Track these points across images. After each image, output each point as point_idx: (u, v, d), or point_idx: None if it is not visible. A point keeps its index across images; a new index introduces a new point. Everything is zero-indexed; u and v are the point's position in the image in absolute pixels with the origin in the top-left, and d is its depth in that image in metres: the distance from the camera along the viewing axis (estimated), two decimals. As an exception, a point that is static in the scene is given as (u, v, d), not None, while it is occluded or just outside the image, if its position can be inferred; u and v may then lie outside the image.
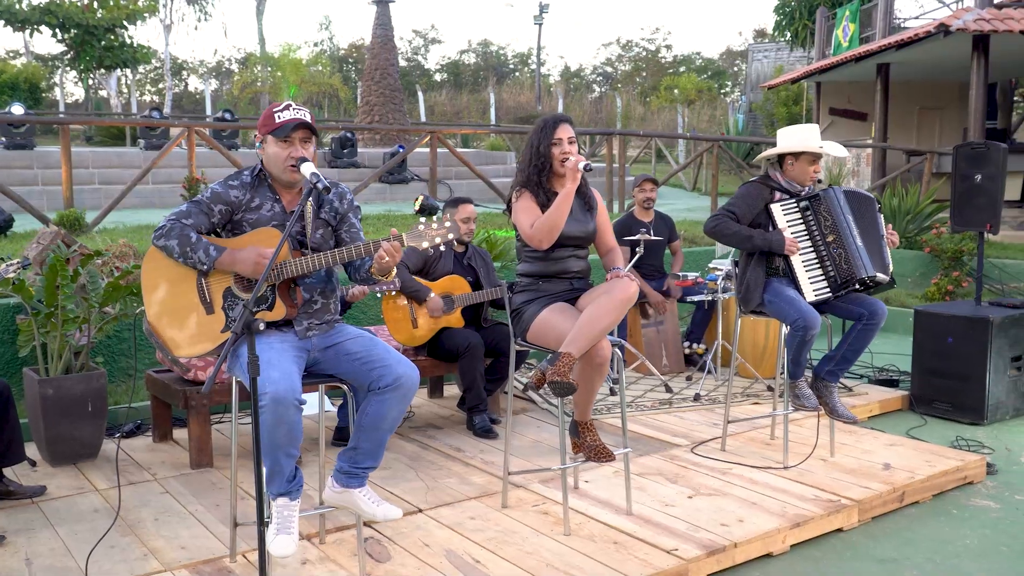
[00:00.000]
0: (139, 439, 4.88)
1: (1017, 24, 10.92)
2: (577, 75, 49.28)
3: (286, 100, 3.11)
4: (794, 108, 24.35)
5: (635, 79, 46.24)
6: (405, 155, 10.36)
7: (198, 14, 32.08)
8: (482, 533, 3.58)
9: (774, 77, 25.76)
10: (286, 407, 2.77)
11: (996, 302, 5.77)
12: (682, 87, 34.23)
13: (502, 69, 46.58)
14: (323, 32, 61.09)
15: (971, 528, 3.91)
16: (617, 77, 48.49)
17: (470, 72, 46.44)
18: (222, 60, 42.96)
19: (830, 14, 17.27)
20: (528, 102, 35.42)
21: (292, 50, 28.64)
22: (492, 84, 38.06)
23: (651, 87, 42.85)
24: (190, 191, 8.71)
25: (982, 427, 5.36)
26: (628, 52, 49.60)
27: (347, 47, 43.21)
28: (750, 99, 30.23)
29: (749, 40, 47.18)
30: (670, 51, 51.38)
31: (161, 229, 2.97)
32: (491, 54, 48.15)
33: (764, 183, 4.38)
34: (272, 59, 28.80)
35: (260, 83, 29.61)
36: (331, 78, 28.97)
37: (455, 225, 2.92)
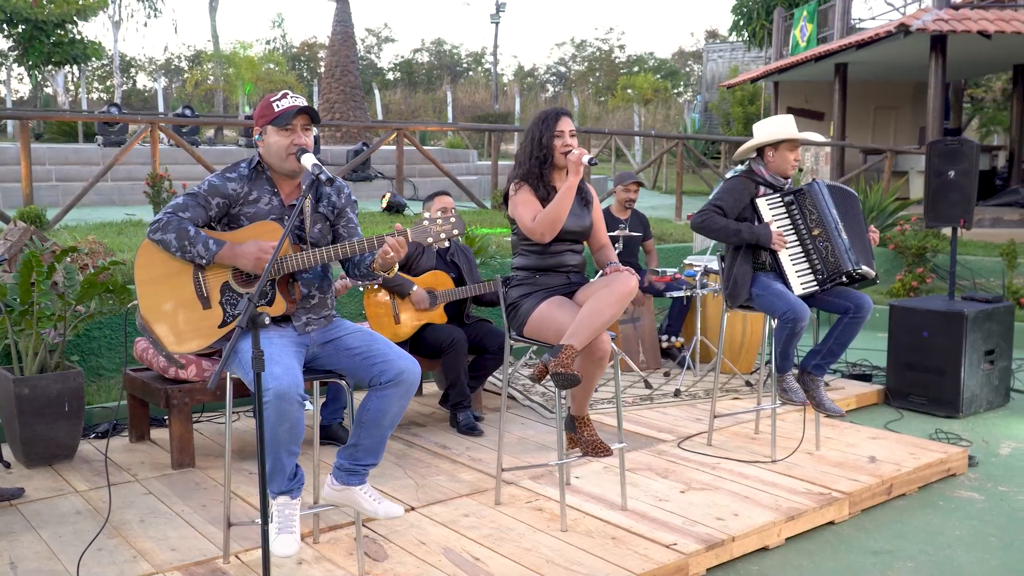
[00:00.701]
0: (115, 439, 4.75)
1: (975, 24, 11.14)
2: (531, 74, 49.37)
3: (283, 89, 3.04)
4: (750, 108, 24.63)
5: (589, 79, 46.46)
6: (371, 152, 10.25)
7: (147, 10, 31.48)
8: (478, 530, 3.53)
9: (730, 77, 26.06)
10: (290, 403, 2.70)
11: (969, 296, 5.87)
12: (638, 86, 34.48)
13: (455, 68, 46.49)
14: (276, 30, 60.46)
15: (959, 519, 3.96)
16: (570, 77, 48.68)
17: (424, 71, 46.29)
18: (171, 58, 42.25)
19: (788, 14, 17.50)
20: (484, 101, 35.40)
21: (245, 47, 28.28)
22: (448, 83, 37.97)
23: (605, 86, 43.11)
24: (154, 188, 8.52)
25: (958, 420, 5.45)
26: (582, 52, 49.81)
27: (300, 45, 42.80)
28: (706, 98, 30.55)
29: (701, 41, 47.67)
30: (623, 51, 51.70)
31: (157, 222, 2.88)
32: (445, 53, 48.04)
33: (748, 177, 4.41)
34: (226, 56, 28.41)
35: (212, 80, 29.18)
36: (287, 76, 28.62)
37: (460, 221, 2.87)
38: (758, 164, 4.43)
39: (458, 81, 40.49)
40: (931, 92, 12.06)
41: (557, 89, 46.86)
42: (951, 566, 3.50)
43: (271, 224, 2.93)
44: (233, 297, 2.92)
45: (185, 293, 2.91)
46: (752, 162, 4.46)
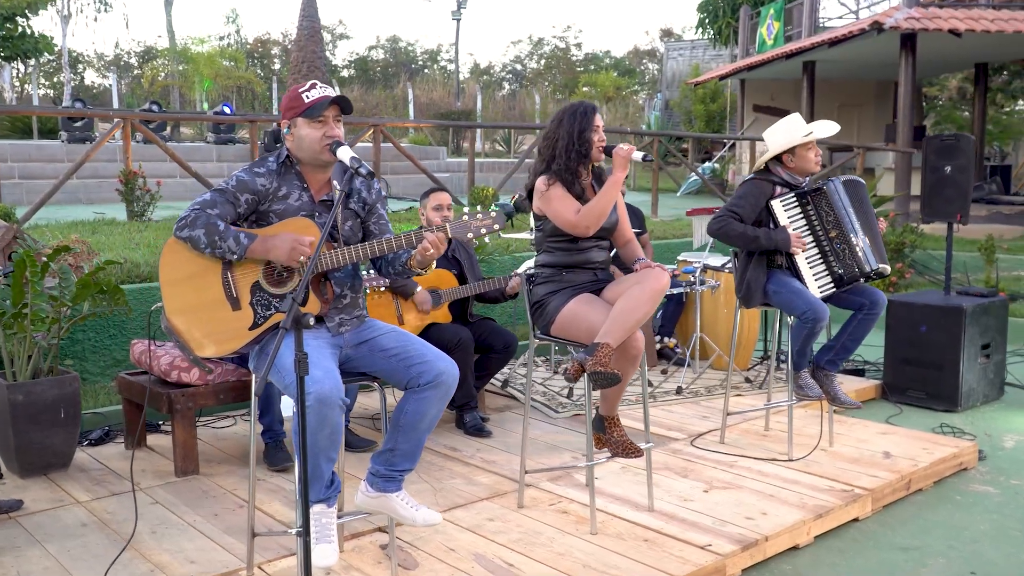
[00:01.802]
0: (109, 446, 4.56)
1: (945, 23, 11.30)
2: (487, 72, 49.25)
3: (311, 80, 2.92)
4: (712, 105, 24.81)
5: (546, 77, 46.46)
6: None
7: (97, 5, 30.76)
8: (505, 535, 3.44)
9: (692, 75, 26.21)
10: (331, 407, 2.58)
11: (963, 291, 5.90)
12: (600, 84, 34.53)
13: (411, 65, 46.20)
14: (230, 26, 59.48)
15: (979, 514, 3.96)
16: (527, 75, 48.66)
17: (379, 68, 45.93)
18: (120, 53, 41.36)
19: (754, 12, 17.62)
20: (441, 98, 35.17)
21: (201, 43, 27.76)
22: (407, 80, 37.69)
23: (563, 84, 43.13)
24: (127, 186, 8.28)
25: (957, 414, 5.47)
26: (539, 50, 49.80)
27: (253, 41, 42.20)
28: (666, 96, 30.72)
29: (656, 39, 47.89)
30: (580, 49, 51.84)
31: (184, 219, 2.73)
32: (400, 50, 47.71)
33: (765, 178, 4.35)
34: (183, 52, 27.83)
35: (166, 76, 28.61)
36: (246, 72, 28.15)
37: (500, 216, 2.77)
38: (775, 165, 4.37)
39: (415, 79, 40.23)
40: (901, 90, 12.20)
41: (513, 87, 46.79)
42: (981, 561, 3.48)
43: (303, 221, 2.80)
44: (264, 297, 2.78)
45: (213, 294, 2.77)
46: (769, 163, 4.40)
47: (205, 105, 25.59)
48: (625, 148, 3.44)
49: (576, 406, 5.29)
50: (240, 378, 4.26)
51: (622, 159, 3.44)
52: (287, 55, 42.35)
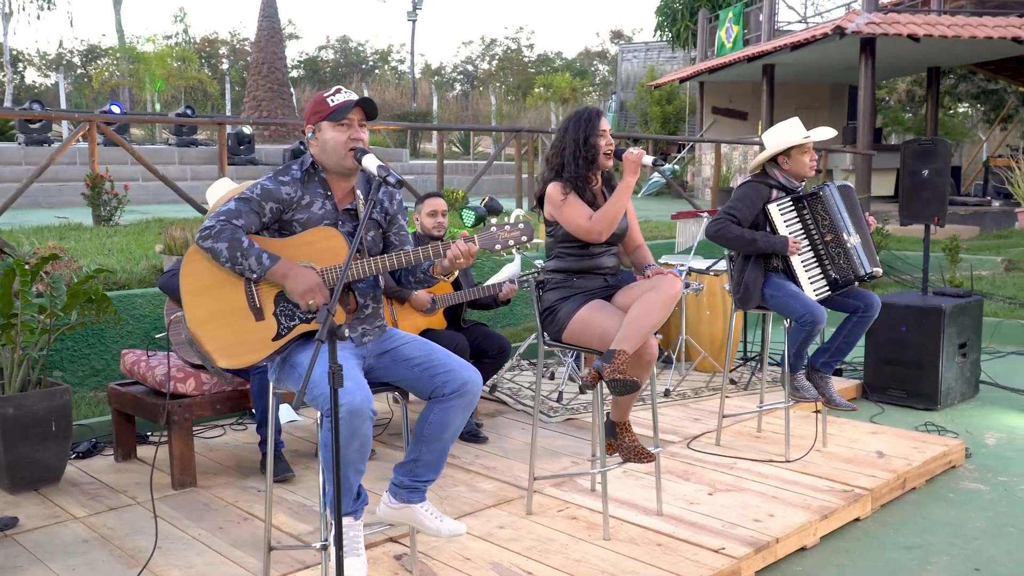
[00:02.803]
0: (98, 459, 4.45)
1: (904, 28, 11.55)
2: (438, 73, 49.11)
3: (335, 86, 2.86)
4: (668, 107, 25.05)
5: (498, 78, 46.46)
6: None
7: (40, 3, 30.00)
8: (519, 542, 3.43)
9: (647, 77, 26.44)
10: (362, 419, 2.55)
11: (940, 292, 6.03)
12: (555, 86, 34.64)
13: (361, 66, 45.87)
14: (178, 24, 58.43)
15: (973, 511, 4.04)
16: (478, 75, 48.64)
17: (329, 68, 45.51)
18: (63, 52, 40.35)
19: (712, 16, 17.82)
20: (394, 99, 34.96)
21: (151, 42, 27.26)
22: (358, 81, 37.37)
23: (516, 85, 43.20)
24: (94, 190, 8.08)
25: (936, 412, 5.59)
26: (491, 50, 49.80)
27: (200, 41, 41.51)
28: (621, 98, 30.94)
29: (607, 41, 48.10)
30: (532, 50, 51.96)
31: (208, 229, 2.67)
32: (351, 50, 47.35)
33: (762, 181, 4.40)
34: (130, 50, 27.29)
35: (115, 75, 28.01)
36: (199, 72, 27.69)
37: (528, 227, 2.76)
38: (772, 167, 4.42)
39: (366, 79, 39.95)
40: (861, 93, 12.44)
41: (464, 87, 46.72)
42: (983, 558, 3.55)
43: (328, 230, 2.76)
44: (288, 308, 2.73)
45: (235, 303, 2.71)
46: (766, 166, 4.45)
47: (157, 106, 25.12)
48: (635, 152, 3.45)
49: (567, 410, 5.29)
50: (236, 388, 4.19)
51: (632, 164, 3.45)
52: (236, 55, 41.78)
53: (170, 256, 6.06)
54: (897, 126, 26.90)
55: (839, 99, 18.75)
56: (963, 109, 27.84)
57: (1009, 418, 5.54)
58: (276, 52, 15.81)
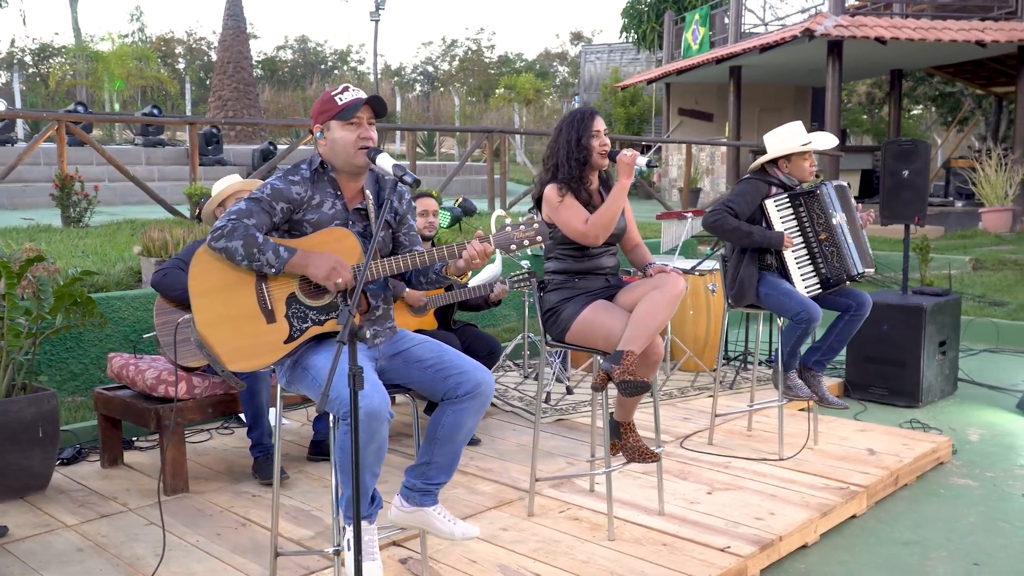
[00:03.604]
0: (84, 465, 4.34)
1: (871, 31, 11.72)
2: (398, 73, 48.90)
3: (343, 83, 2.81)
4: (632, 109, 25.20)
5: (459, 79, 46.37)
6: (288, 152, 9.84)
7: (-10, -1, 29.31)
8: (524, 544, 3.40)
9: (611, 78, 26.58)
10: (380, 422, 2.51)
11: (919, 291, 6.12)
12: (519, 87, 34.67)
13: (321, 66, 45.52)
14: (134, 23, 57.42)
15: (965, 507, 4.10)
16: (439, 76, 48.53)
17: (287, 68, 45.10)
18: (14, 51, 39.46)
19: (678, 18, 17.94)
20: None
21: (109, 40, 26.77)
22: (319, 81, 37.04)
23: (477, 86, 43.16)
24: (63, 190, 7.91)
25: (918, 409, 5.66)
26: (451, 51, 49.71)
27: (156, 40, 40.86)
28: (584, 99, 31.05)
29: (567, 42, 48.17)
30: (493, 51, 51.92)
31: (220, 229, 2.61)
32: (310, 50, 46.98)
33: (762, 179, 4.43)
34: (85, 48, 26.78)
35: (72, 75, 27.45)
36: (159, 72, 27.25)
37: (543, 226, 2.73)
38: (772, 166, 4.46)
39: (326, 80, 39.64)
40: (829, 95, 12.61)
41: (425, 88, 46.58)
42: (980, 553, 3.60)
43: (340, 231, 2.71)
44: (300, 310, 2.68)
45: (246, 306, 2.65)
46: (766, 165, 4.48)
47: (116, 106, 24.67)
48: (628, 154, 3.44)
49: (556, 411, 5.28)
50: (227, 391, 4.12)
51: (626, 166, 3.43)
52: (192, 54, 41.21)
53: (148, 258, 5.95)
54: (856, 128, 27.34)
55: (802, 101, 18.99)
56: (916, 111, 28.39)
57: (988, 414, 5.63)
58: (242, 51, 15.61)
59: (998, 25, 12.52)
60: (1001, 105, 19.88)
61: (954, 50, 13.07)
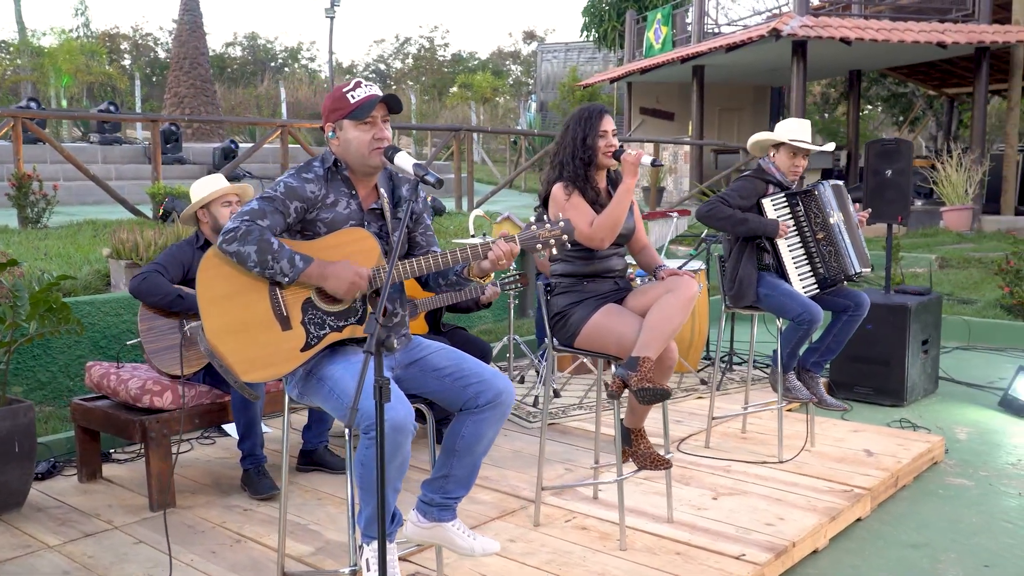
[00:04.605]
0: (60, 480, 4.13)
1: (836, 32, 11.82)
2: (350, 71, 48.45)
3: (356, 78, 2.68)
4: (590, 107, 25.22)
5: (411, 77, 46.07)
6: (253, 151, 9.60)
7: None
8: (535, 556, 3.30)
9: (568, 77, 26.60)
10: (405, 436, 2.39)
11: (900, 290, 6.13)
12: (476, 85, 34.53)
13: (271, 63, 44.92)
14: (78, 18, 55.97)
15: (965, 507, 4.09)
16: (391, 74, 48.21)
17: (237, 65, 44.43)
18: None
19: (640, 17, 17.95)
20: (307, 98, 34.30)
21: (55, 34, 26.04)
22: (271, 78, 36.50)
23: (431, 84, 42.92)
24: (20, 190, 7.62)
25: (903, 408, 5.67)
26: (404, 49, 49.40)
27: (100, 35, 39.91)
28: (541, 98, 31.04)
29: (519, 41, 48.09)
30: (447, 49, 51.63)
31: (232, 231, 2.46)
32: (259, 47, 46.34)
33: (759, 177, 4.38)
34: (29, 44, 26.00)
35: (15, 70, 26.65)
36: (109, 68, 26.57)
37: (569, 225, 2.63)
38: (768, 163, 4.42)
39: (277, 77, 39.09)
40: (794, 95, 12.69)
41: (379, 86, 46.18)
42: (989, 555, 3.58)
43: (358, 231, 2.58)
44: (317, 316, 2.54)
45: (259, 312, 2.51)
46: (762, 161, 4.44)
47: (64, 102, 23.99)
48: (633, 154, 3.36)
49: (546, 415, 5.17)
50: (214, 400, 3.95)
51: (630, 165, 3.35)
52: (139, 50, 40.35)
53: (118, 260, 5.73)
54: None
55: (761, 101, 19.15)
56: (865, 111, 28.87)
57: (972, 412, 5.66)
58: (198, 47, 15.26)
59: (957, 27, 12.72)
60: (953, 106, 20.28)
61: (915, 51, 13.25)
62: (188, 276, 3.95)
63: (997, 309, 8.18)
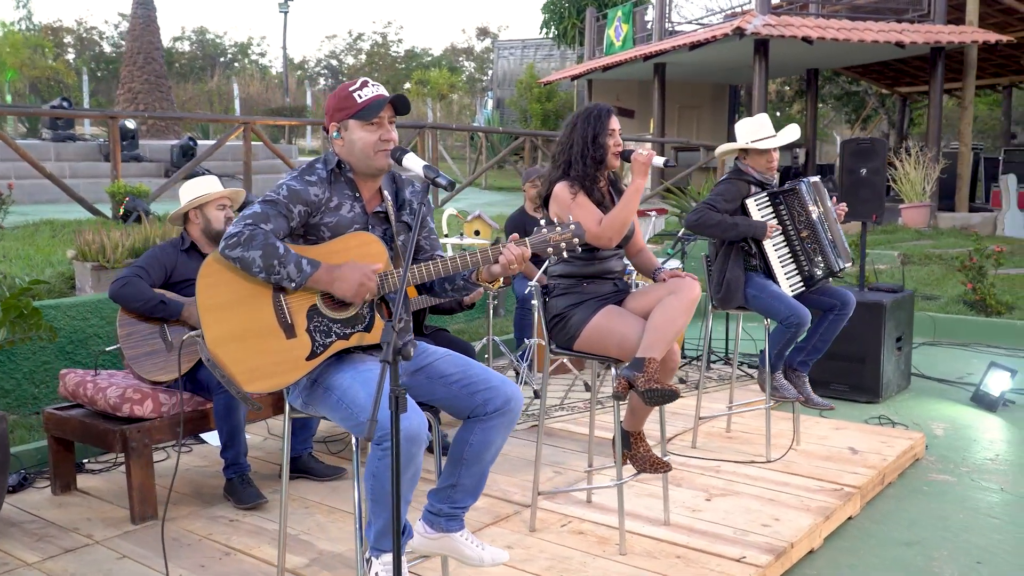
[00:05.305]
0: (32, 493, 3.98)
1: (798, 31, 11.94)
2: (301, 67, 47.92)
3: (360, 78, 2.59)
4: (548, 104, 25.24)
5: (365, 73, 45.70)
6: (215, 148, 9.39)
7: None
8: (535, 562, 3.25)
9: (526, 74, 26.56)
10: (418, 446, 2.32)
11: (874, 287, 6.19)
12: (432, 82, 34.35)
13: (220, 59, 44.25)
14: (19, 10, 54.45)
15: (950, 503, 4.12)
16: (343, 71, 47.79)
17: (185, 60, 43.68)
18: None
19: (600, 14, 17.99)
20: (258, 93, 33.85)
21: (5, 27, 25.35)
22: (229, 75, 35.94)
23: (385, 80, 42.64)
24: (-25, 189, 7.35)
25: (879, 405, 5.72)
26: (357, 44, 48.98)
27: (43, 29, 38.89)
28: (497, 95, 30.98)
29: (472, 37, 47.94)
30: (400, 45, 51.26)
31: (236, 236, 2.36)
32: (208, 42, 45.63)
33: (739, 178, 4.37)
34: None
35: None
36: (56, 62, 25.92)
37: (580, 228, 2.57)
38: (744, 164, 4.41)
39: (227, 72, 38.51)
40: (756, 92, 12.80)
41: (330, 83, 45.77)
42: (980, 551, 3.61)
43: (366, 235, 2.50)
44: (323, 323, 2.46)
45: (262, 320, 2.41)
46: (738, 162, 4.43)
47: (8, 98, 23.37)
48: (644, 154, 3.33)
49: (528, 416, 5.13)
50: (196, 408, 3.82)
51: (641, 166, 3.32)
52: (83, 44, 39.41)
53: (84, 262, 5.55)
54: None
55: (720, 99, 19.32)
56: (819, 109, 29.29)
57: (945, 408, 5.74)
58: (152, 42, 14.92)
59: (914, 27, 12.93)
60: (905, 104, 20.66)
61: (874, 51, 13.45)
62: (171, 280, 3.83)
63: (960, 305, 8.32)
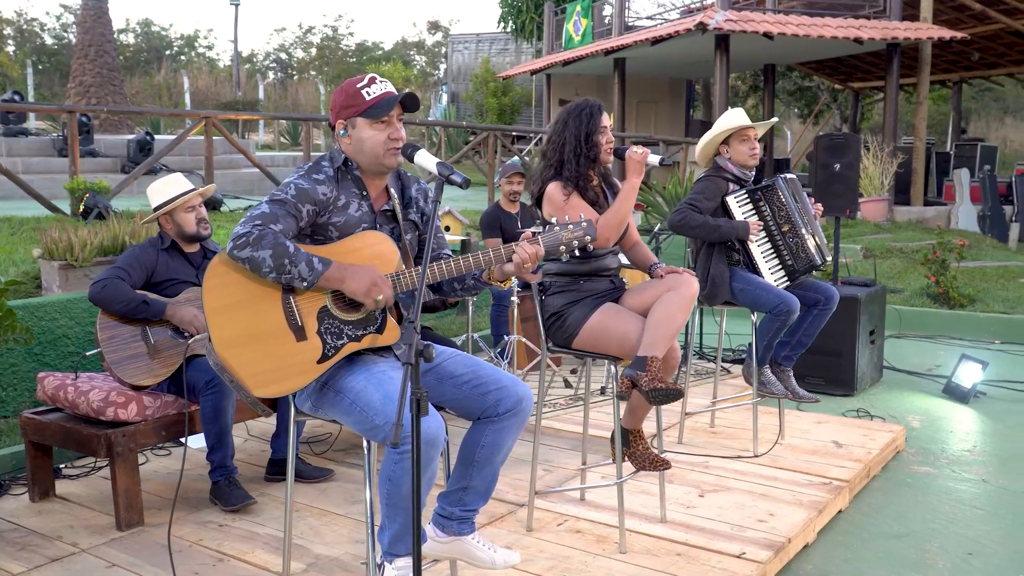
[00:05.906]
0: (9, 500, 3.84)
1: (759, 26, 12.05)
2: (250, 60, 47.27)
3: (368, 74, 2.52)
4: (504, 99, 25.18)
5: (314, 67, 45.23)
6: (176, 144, 9.18)
7: None
8: (535, 563, 3.21)
9: (481, 68, 26.48)
10: (437, 449, 2.28)
11: (847, 281, 6.27)
12: (387, 75, 34.10)
13: (166, 52, 43.46)
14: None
15: (935, 495, 4.18)
16: (293, 64, 47.27)
17: (130, 52, 42.81)
18: None
19: (558, 9, 17.99)
20: (208, 87, 33.31)
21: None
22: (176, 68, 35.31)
23: (336, 75, 42.23)
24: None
25: (854, 398, 5.79)
26: (307, 38, 48.45)
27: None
28: (452, 89, 30.83)
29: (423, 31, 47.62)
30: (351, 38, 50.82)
31: (245, 236, 2.28)
32: (154, 35, 44.79)
33: (718, 175, 4.37)
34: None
35: None
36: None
37: (591, 226, 2.54)
38: (723, 160, 4.41)
39: (172, 66, 37.84)
40: (717, 87, 12.90)
41: (279, 76, 45.23)
42: (969, 542, 3.66)
43: (376, 235, 2.44)
44: (334, 325, 2.39)
45: (271, 322, 2.34)
46: (718, 159, 4.43)
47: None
48: (639, 152, 3.30)
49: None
50: (180, 410, 3.72)
51: (636, 163, 3.30)
52: (23, 36, 38.39)
53: (50, 261, 5.38)
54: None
55: (677, 93, 19.45)
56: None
57: (918, 400, 5.83)
58: (104, 34, 14.54)
59: (872, 23, 13.13)
60: (858, 99, 21.00)
61: (833, 46, 13.63)
62: (153, 280, 3.72)
63: (924, 298, 8.47)
